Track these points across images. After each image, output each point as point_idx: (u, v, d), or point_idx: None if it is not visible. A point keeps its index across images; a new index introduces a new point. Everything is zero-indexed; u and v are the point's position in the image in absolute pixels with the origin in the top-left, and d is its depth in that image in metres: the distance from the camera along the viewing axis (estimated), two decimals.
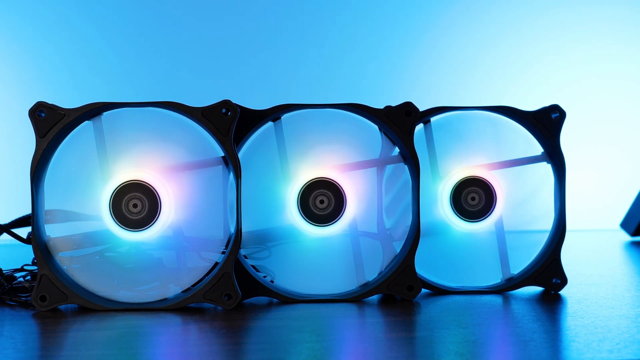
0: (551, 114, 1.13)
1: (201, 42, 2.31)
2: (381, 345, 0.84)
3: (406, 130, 1.07)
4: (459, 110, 1.14)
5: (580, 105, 2.38)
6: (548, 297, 1.10)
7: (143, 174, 1.02)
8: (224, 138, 1.02)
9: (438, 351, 0.81)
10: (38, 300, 1.00)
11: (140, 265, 1.03)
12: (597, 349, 0.78)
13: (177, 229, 1.03)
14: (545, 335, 0.87)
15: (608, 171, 2.46)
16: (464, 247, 1.14)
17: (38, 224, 1.01)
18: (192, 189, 1.03)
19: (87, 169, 1.02)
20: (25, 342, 0.86)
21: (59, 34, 2.25)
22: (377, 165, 1.09)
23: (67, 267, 1.02)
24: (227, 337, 0.88)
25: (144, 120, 1.04)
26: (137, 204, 1.01)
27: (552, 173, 1.14)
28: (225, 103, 1.02)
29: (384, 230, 1.09)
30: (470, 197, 1.12)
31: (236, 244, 1.02)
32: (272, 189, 1.08)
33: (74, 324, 0.95)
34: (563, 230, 1.13)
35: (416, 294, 1.07)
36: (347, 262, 1.09)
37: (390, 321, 0.96)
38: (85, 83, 2.25)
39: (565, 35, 2.43)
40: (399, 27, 2.38)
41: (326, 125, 1.09)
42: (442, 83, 2.39)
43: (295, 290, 1.08)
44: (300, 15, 2.36)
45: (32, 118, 1.01)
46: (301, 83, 2.35)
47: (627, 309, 1.00)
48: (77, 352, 0.82)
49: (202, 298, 1.01)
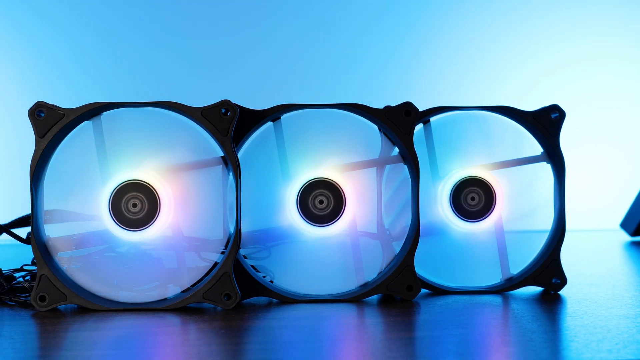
0: (551, 113, 1.13)
1: (201, 42, 2.31)
2: (380, 345, 0.84)
3: (406, 130, 1.07)
4: (458, 110, 1.14)
5: (581, 105, 2.38)
6: (548, 297, 1.10)
7: (142, 173, 1.02)
8: (223, 138, 1.02)
9: (437, 351, 0.81)
10: (37, 300, 1.00)
11: (139, 266, 1.03)
12: (596, 349, 0.78)
13: (176, 229, 1.03)
14: (544, 335, 0.87)
15: (608, 171, 2.46)
16: (464, 247, 1.14)
17: (37, 224, 1.01)
18: (191, 189, 1.03)
19: (86, 169, 1.02)
20: (24, 342, 0.86)
21: (59, 34, 2.25)
22: (376, 165, 1.09)
23: (66, 267, 1.02)
24: (226, 337, 0.88)
25: (144, 120, 1.04)
26: (136, 204, 1.01)
27: (552, 173, 1.14)
28: (225, 103, 1.02)
29: (383, 230, 1.09)
30: (470, 197, 1.12)
31: (235, 244, 1.02)
32: (272, 189, 1.08)
33: (73, 324, 0.95)
34: (563, 230, 1.13)
35: (415, 294, 1.07)
36: (347, 262, 1.08)
37: (390, 321, 0.96)
38: (85, 83, 2.25)
39: (565, 34, 2.43)
40: (398, 27, 2.38)
41: (326, 126, 1.09)
42: (441, 83, 2.39)
43: (295, 290, 1.08)
44: (299, 15, 2.36)
45: (31, 118, 1.01)
46: (300, 83, 2.35)
47: (627, 309, 1.00)
48: (76, 352, 0.82)
49: (201, 298, 1.01)
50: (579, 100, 2.39)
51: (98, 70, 2.26)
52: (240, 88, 2.28)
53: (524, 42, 2.41)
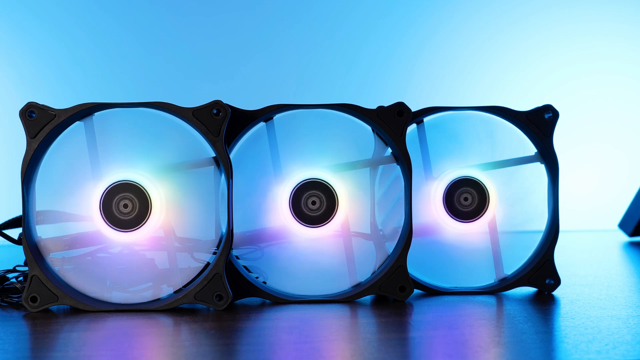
0: (544, 113, 1.13)
1: (197, 43, 2.31)
2: (373, 346, 0.84)
3: (398, 130, 1.07)
4: (451, 110, 1.14)
5: (579, 105, 2.38)
6: (541, 298, 1.09)
7: (134, 174, 1.02)
8: (214, 138, 1.02)
9: (426, 352, 0.81)
10: (29, 301, 1.00)
11: (131, 266, 1.03)
12: (585, 350, 0.78)
13: (168, 230, 1.03)
14: (534, 336, 0.86)
15: (606, 171, 2.46)
16: (457, 248, 1.14)
17: (29, 224, 1.01)
18: (183, 189, 1.03)
19: (78, 169, 1.02)
20: (14, 344, 0.86)
21: (50, 34, 2.25)
22: (369, 165, 1.09)
23: (58, 268, 1.02)
24: (216, 338, 0.87)
25: (135, 121, 1.03)
26: (127, 205, 1.01)
27: (546, 173, 1.14)
28: (216, 103, 1.02)
29: (376, 230, 1.09)
30: (463, 197, 1.12)
31: (227, 244, 1.02)
32: (264, 190, 1.08)
33: (65, 325, 0.95)
34: (556, 231, 1.13)
35: (408, 294, 1.07)
36: (340, 263, 1.08)
37: (382, 322, 0.96)
38: (77, 83, 2.25)
39: (563, 33, 2.42)
40: (391, 28, 2.37)
41: (318, 126, 1.09)
42: (435, 83, 2.39)
43: (288, 291, 1.08)
44: (292, 16, 2.35)
45: (22, 119, 1.01)
46: (296, 84, 2.35)
47: (619, 310, 1.00)
48: (66, 353, 0.82)
49: (193, 299, 1.01)
50: (578, 100, 2.39)
51: (94, 71, 2.26)
52: (236, 89, 2.28)
53: (519, 41, 2.41)
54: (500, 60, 2.40)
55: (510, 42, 2.41)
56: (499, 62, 2.40)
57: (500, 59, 2.40)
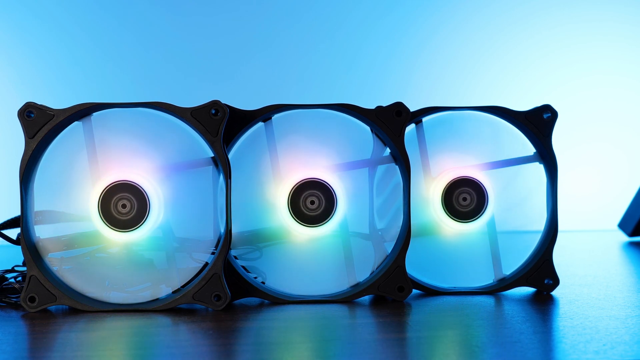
0: (543, 113, 1.13)
1: (196, 44, 2.31)
2: (370, 346, 0.84)
3: (397, 130, 1.07)
4: (450, 110, 1.14)
5: (579, 105, 2.38)
6: (540, 298, 1.09)
7: (132, 174, 1.02)
8: (213, 139, 1.02)
9: (425, 352, 0.81)
10: (27, 301, 1.00)
11: (130, 266, 1.03)
12: (583, 350, 0.78)
13: (166, 230, 1.03)
14: (532, 336, 0.86)
15: (606, 171, 2.46)
16: (456, 248, 1.13)
17: (27, 225, 1.01)
18: (181, 189, 1.03)
19: (76, 169, 1.02)
20: (12, 344, 0.86)
21: (50, 34, 2.25)
22: (368, 165, 1.09)
23: (57, 268, 1.02)
24: (214, 338, 0.87)
25: (134, 121, 1.03)
26: (126, 205, 1.01)
27: (545, 173, 1.14)
28: (215, 103, 1.02)
29: (375, 230, 1.09)
30: (462, 197, 1.12)
31: (225, 244, 1.02)
32: (263, 190, 1.08)
33: (63, 325, 0.95)
34: (555, 231, 1.13)
35: (407, 294, 1.06)
36: (338, 263, 1.08)
37: (381, 322, 0.96)
38: (76, 83, 2.25)
39: (563, 33, 2.42)
40: (391, 28, 2.37)
41: (317, 126, 1.09)
42: (434, 83, 2.39)
43: (286, 291, 1.08)
44: (292, 16, 2.35)
45: (21, 119, 1.01)
46: (293, 83, 2.35)
47: (618, 310, 0.99)
48: (64, 353, 0.82)
49: (191, 299, 1.01)
50: (578, 100, 2.39)
51: (94, 71, 2.26)
52: (235, 89, 2.28)
53: (519, 41, 2.41)
54: (500, 60, 2.40)
55: (510, 42, 2.41)
56: (499, 62, 2.40)
57: (500, 59, 2.40)
